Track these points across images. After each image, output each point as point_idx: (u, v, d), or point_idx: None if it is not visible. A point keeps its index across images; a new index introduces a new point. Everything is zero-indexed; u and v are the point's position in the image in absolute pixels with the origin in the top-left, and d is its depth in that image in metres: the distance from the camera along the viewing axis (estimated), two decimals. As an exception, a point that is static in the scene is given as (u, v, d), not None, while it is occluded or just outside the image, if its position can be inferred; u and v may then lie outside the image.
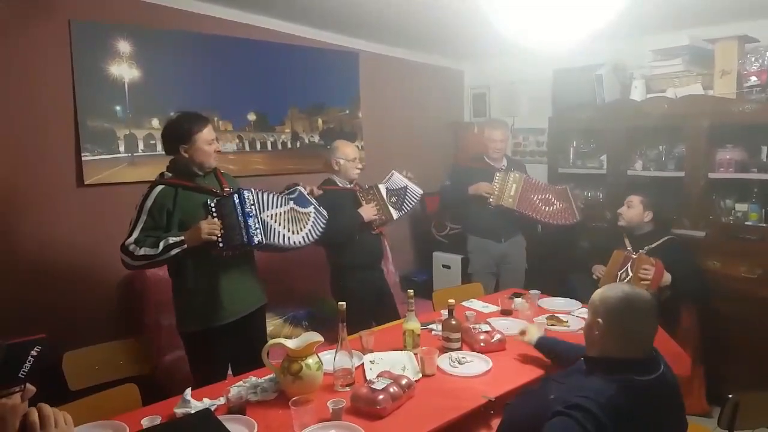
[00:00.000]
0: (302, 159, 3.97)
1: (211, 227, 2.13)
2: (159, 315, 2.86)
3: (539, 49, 3.87)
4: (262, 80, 3.71)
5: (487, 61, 4.80)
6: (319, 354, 1.89)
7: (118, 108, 3.10)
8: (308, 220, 2.49)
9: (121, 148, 3.11)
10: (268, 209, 2.30)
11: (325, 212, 2.60)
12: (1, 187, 2.75)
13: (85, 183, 2.98)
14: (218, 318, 2.25)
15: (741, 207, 3.20)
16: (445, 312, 2.27)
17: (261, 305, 2.44)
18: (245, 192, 2.23)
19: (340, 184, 3.02)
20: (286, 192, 2.55)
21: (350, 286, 2.98)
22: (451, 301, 2.21)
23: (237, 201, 2.20)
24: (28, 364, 1.12)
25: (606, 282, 2.99)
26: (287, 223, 2.36)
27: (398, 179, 3.12)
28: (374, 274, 3.09)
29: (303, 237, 2.40)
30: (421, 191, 3.13)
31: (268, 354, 1.82)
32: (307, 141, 4.01)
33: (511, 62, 4.50)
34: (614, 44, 3.73)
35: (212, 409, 1.70)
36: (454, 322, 2.17)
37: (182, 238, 2.13)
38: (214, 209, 2.18)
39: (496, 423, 1.72)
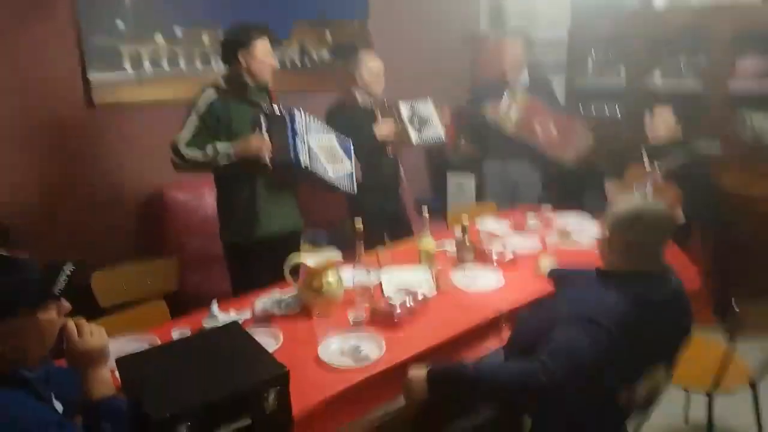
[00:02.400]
0: (313, 77, 3.85)
1: (260, 143, 2.15)
2: (181, 237, 2.94)
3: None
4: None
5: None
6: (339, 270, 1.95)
7: (119, 23, 2.98)
8: (342, 168, 2.44)
9: (127, 66, 3.04)
10: (312, 133, 2.29)
11: (355, 183, 2.51)
12: (15, 111, 2.73)
13: (95, 103, 2.94)
14: (254, 233, 2.30)
15: (760, 120, 3.10)
16: (458, 231, 2.31)
17: (297, 230, 2.47)
18: (296, 112, 2.23)
19: (360, 99, 2.92)
20: (340, 135, 2.50)
21: (366, 208, 2.90)
22: (465, 220, 2.24)
23: (288, 119, 2.20)
24: (62, 282, 1.19)
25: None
26: (327, 155, 2.34)
27: (427, 108, 2.97)
28: (389, 196, 3.07)
29: (336, 177, 2.37)
30: (442, 136, 2.98)
31: (291, 271, 1.88)
32: (315, 58, 3.87)
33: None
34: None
35: (240, 320, 1.78)
36: (467, 241, 2.22)
37: (231, 147, 2.17)
38: (264, 125, 2.18)
39: (507, 335, 1.80)
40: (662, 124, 3.01)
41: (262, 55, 2.25)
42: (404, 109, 2.92)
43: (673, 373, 1.62)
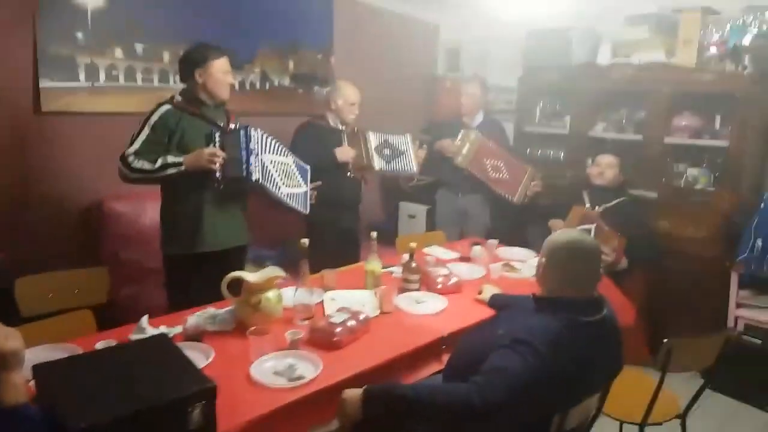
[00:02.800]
0: (271, 100, 3.88)
1: (213, 155, 2.13)
2: (117, 248, 2.84)
3: (514, 7, 3.90)
4: (231, 14, 3.57)
5: (462, 16, 4.74)
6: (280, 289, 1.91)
7: (79, 35, 2.94)
8: (297, 188, 2.48)
9: (81, 77, 2.98)
10: (269, 153, 2.30)
11: (309, 205, 2.55)
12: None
13: (43, 111, 2.86)
14: (197, 245, 2.28)
15: (692, 172, 3.34)
16: (405, 255, 2.32)
17: (242, 245, 2.46)
18: (252, 130, 2.23)
19: (331, 122, 3.06)
20: (298, 160, 2.55)
21: (318, 224, 3.04)
22: (413, 244, 2.27)
23: (243, 135, 2.20)
24: None
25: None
26: (282, 174, 2.36)
27: (405, 142, 3.13)
28: (344, 216, 3.13)
29: (288, 194, 2.38)
30: (415, 170, 3.15)
31: (228, 286, 1.83)
32: (276, 83, 3.91)
33: (485, 19, 4.46)
34: (586, 8, 3.74)
35: (170, 335, 1.71)
36: (413, 265, 2.23)
37: (181, 159, 2.15)
38: (218, 140, 2.18)
39: (446, 358, 1.80)
40: (604, 169, 3.19)
41: (219, 73, 2.28)
42: (373, 139, 3.09)
43: (605, 403, 1.65)
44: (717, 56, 3.15)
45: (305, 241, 1.99)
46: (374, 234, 2.24)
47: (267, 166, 2.27)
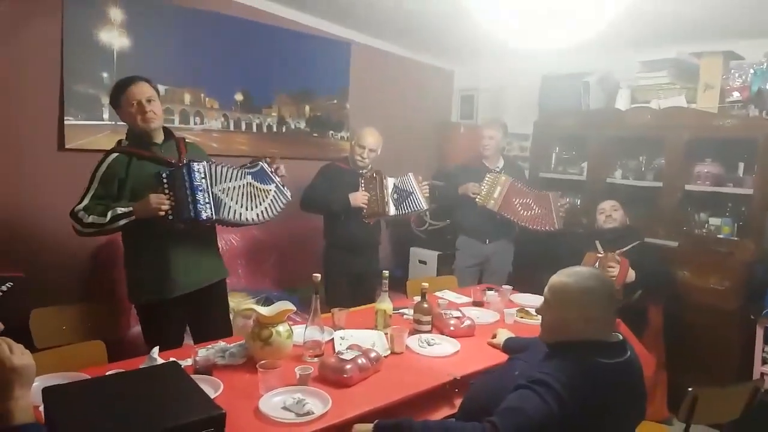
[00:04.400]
0: (287, 144, 3.97)
1: (159, 200, 2.04)
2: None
3: (529, 54, 3.97)
4: (252, 61, 3.70)
5: (477, 63, 4.85)
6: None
7: (104, 75, 3.07)
8: (266, 196, 2.34)
9: (105, 116, 3.08)
10: (220, 183, 2.18)
11: (288, 193, 2.44)
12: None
13: (66, 147, 2.95)
14: (168, 291, 2.18)
15: (714, 221, 3.28)
16: (417, 297, 2.29)
17: (219, 279, 2.38)
18: (195, 164, 2.12)
19: (351, 165, 3.12)
20: (248, 165, 2.41)
21: (332, 265, 3.13)
22: (425, 284, 2.25)
23: (186, 173, 2.09)
24: None
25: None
26: (241, 198, 2.24)
27: (409, 183, 3.15)
28: (358, 260, 3.14)
29: (258, 213, 2.28)
30: (425, 207, 3.15)
31: (236, 319, 1.82)
32: (293, 126, 4.01)
33: (500, 66, 4.56)
34: (603, 54, 3.80)
35: (179, 368, 1.69)
36: (425, 305, 2.20)
37: (131, 208, 2.07)
38: (165, 181, 2.08)
39: (459, 402, 1.75)
40: (610, 212, 3.19)
41: (129, 105, 2.14)
42: (390, 184, 3.10)
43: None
44: (740, 101, 3.13)
45: (317, 276, 1.98)
46: (386, 273, 2.22)
47: (220, 198, 2.16)
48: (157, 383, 1.27)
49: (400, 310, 2.46)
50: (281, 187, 2.42)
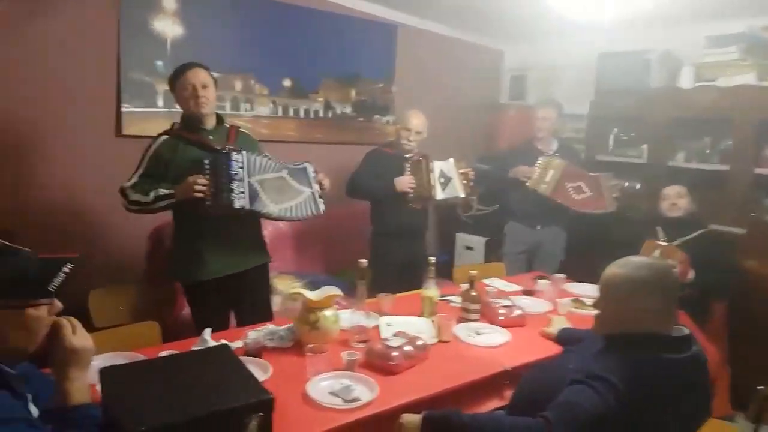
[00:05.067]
0: (333, 129, 3.97)
1: (197, 187, 2.07)
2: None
3: (584, 30, 3.79)
4: (299, 46, 3.70)
5: (528, 42, 4.68)
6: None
7: (159, 63, 3.14)
8: (296, 196, 2.33)
9: (160, 103, 3.16)
10: (257, 174, 2.20)
11: (322, 207, 2.39)
12: (47, 133, 2.84)
13: (123, 133, 3.04)
14: (200, 273, 2.22)
15: (787, 206, 3.07)
16: (465, 284, 2.25)
17: (257, 264, 2.38)
18: (234, 154, 2.15)
19: (396, 150, 3.05)
20: (293, 163, 2.41)
21: (380, 252, 3.09)
22: (473, 272, 2.19)
23: (226, 162, 2.12)
24: (58, 279, 1.16)
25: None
26: (273, 192, 2.25)
27: (450, 168, 3.06)
28: (405, 246, 3.09)
29: (281, 209, 2.25)
30: (461, 195, 3.06)
31: (284, 302, 1.83)
32: (339, 111, 3.99)
33: (553, 45, 4.38)
34: (665, 30, 3.59)
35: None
36: (474, 294, 2.15)
37: (172, 191, 2.13)
38: (207, 166, 2.12)
39: (509, 394, 1.70)
40: (675, 200, 2.99)
41: (182, 90, 2.21)
42: (437, 168, 3.03)
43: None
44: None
45: (363, 261, 1.97)
46: (432, 259, 2.18)
47: (255, 188, 2.18)
48: (208, 366, 1.30)
49: (447, 298, 2.41)
50: (317, 197, 2.38)
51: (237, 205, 2.10)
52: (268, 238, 3.44)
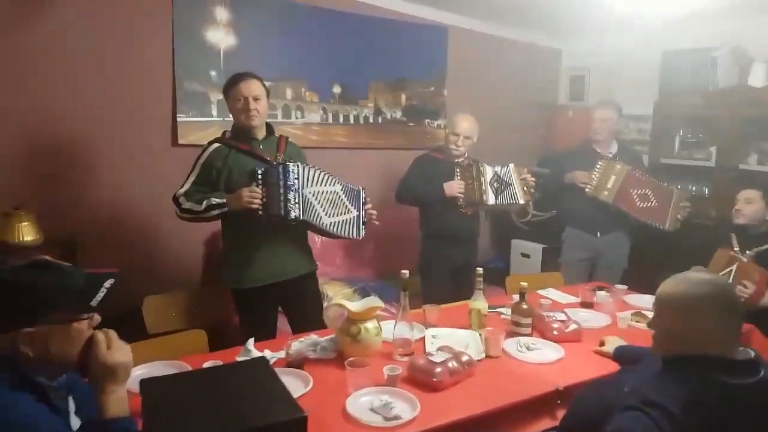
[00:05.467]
0: (383, 134, 3.95)
1: (251, 196, 2.10)
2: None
3: (646, 27, 3.59)
4: (348, 52, 3.71)
5: (587, 40, 4.49)
6: (380, 322, 1.86)
7: (213, 73, 3.22)
8: (347, 213, 2.37)
9: (214, 112, 3.24)
10: (311, 185, 2.24)
11: (363, 233, 2.43)
12: (106, 144, 2.96)
13: (179, 143, 3.13)
14: (248, 280, 2.25)
15: None
16: (516, 296, 2.15)
17: (305, 272, 2.39)
18: (291, 165, 2.19)
19: (446, 155, 3.00)
20: (347, 183, 2.45)
21: (430, 258, 3.05)
22: (524, 283, 2.09)
23: (281, 172, 2.15)
24: (100, 295, 1.18)
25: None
26: (326, 203, 2.29)
27: (508, 173, 2.97)
28: (456, 252, 3.02)
29: (332, 223, 2.29)
30: (521, 201, 2.96)
31: (329, 310, 1.81)
32: (389, 116, 3.97)
33: (614, 43, 4.18)
34: (732, 24, 3.34)
35: (272, 360, 1.72)
36: (525, 306, 2.05)
37: (224, 200, 2.15)
38: (260, 177, 2.14)
39: (561, 415, 1.60)
40: (741, 205, 2.76)
41: (233, 101, 2.24)
42: (489, 172, 2.95)
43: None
44: None
45: (405, 272, 1.92)
46: (480, 270, 2.10)
47: (309, 200, 2.21)
48: (244, 380, 1.28)
49: (498, 309, 2.32)
50: (361, 221, 2.41)
51: (292, 215, 2.14)
52: (319, 243, 3.49)
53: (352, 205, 2.39)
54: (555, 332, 2.03)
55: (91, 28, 2.85)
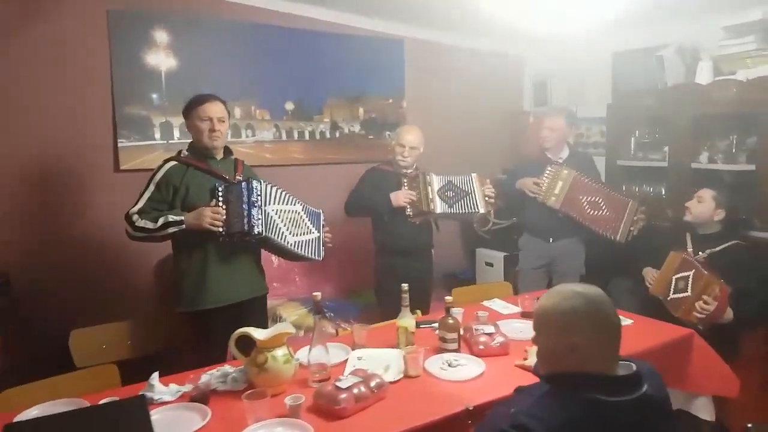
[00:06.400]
0: (341, 149, 3.92)
1: (214, 215, 2.10)
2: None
3: (600, 29, 3.56)
4: (300, 69, 3.68)
5: (548, 46, 4.46)
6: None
7: (154, 96, 3.19)
8: (308, 233, 2.41)
9: (157, 135, 3.21)
10: (274, 204, 2.25)
11: (322, 255, 2.47)
12: (46, 171, 2.93)
13: (121, 168, 3.10)
14: (203, 302, 2.22)
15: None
16: (456, 310, 2.11)
17: (257, 295, 2.38)
18: (254, 182, 2.20)
19: (393, 167, 2.99)
20: (309, 206, 2.49)
21: (382, 272, 3.03)
22: (449, 297, 2.05)
23: (245, 188, 2.16)
24: None
25: (658, 289, 2.66)
26: (289, 223, 2.30)
27: (469, 183, 2.94)
28: (410, 264, 2.98)
29: (296, 242, 2.32)
30: (481, 210, 2.93)
31: (236, 343, 1.75)
32: (347, 131, 3.94)
33: (574, 47, 4.15)
34: (680, 23, 3.32)
35: (178, 394, 1.67)
36: (450, 321, 2.00)
37: (182, 218, 2.13)
38: (221, 194, 2.15)
39: (474, 436, 1.55)
40: (703, 205, 2.72)
41: (197, 120, 2.24)
42: (437, 181, 2.93)
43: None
44: None
45: (317, 294, 1.88)
46: (405, 286, 2.06)
47: (272, 217, 2.21)
48: (111, 422, 1.24)
49: (433, 324, 2.27)
50: (321, 243, 2.47)
51: (256, 230, 2.12)
52: (277, 262, 3.45)
53: (313, 226, 2.44)
54: (481, 346, 1.98)
55: (25, 55, 2.83)
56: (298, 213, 2.37)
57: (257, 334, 1.70)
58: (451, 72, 4.30)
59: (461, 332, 2.07)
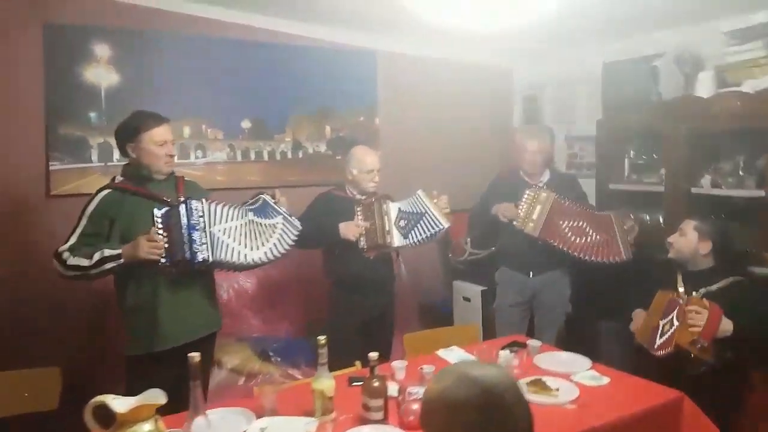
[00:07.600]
0: (305, 170, 3.60)
1: (151, 245, 1.90)
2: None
3: (591, 38, 3.21)
4: (259, 85, 3.39)
5: (538, 58, 4.11)
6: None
7: (92, 115, 2.93)
8: (273, 232, 2.19)
9: (94, 157, 2.94)
10: (220, 222, 2.05)
11: (297, 223, 2.27)
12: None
13: (51, 193, 2.83)
14: (157, 342, 2.01)
15: None
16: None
17: (213, 332, 2.20)
18: (193, 203, 2.01)
19: (348, 193, 2.71)
20: (249, 202, 2.26)
21: (335, 308, 2.73)
22: (373, 354, 1.68)
23: (183, 212, 1.97)
24: None
25: (642, 336, 2.28)
26: (244, 238, 2.10)
27: (420, 202, 2.61)
28: (367, 301, 2.68)
29: (266, 252, 2.13)
30: (444, 225, 2.57)
31: (93, 414, 1.41)
32: (311, 150, 3.63)
33: (565, 57, 3.81)
34: (678, 30, 2.95)
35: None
36: (375, 384, 1.64)
37: (119, 251, 1.93)
38: (159, 220, 1.95)
39: None
40: (684, 239, 2.37)
41: (151, 144, 2.05)
42: (394, 211, 2.63)
43: None
44: None
45: (194, 355, 1.53)
46: (322, 339, 1.70)
47: (219, 238, 2.02)
48: None
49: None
50: (289, 218, 2.26)
51: (200, 258, 1.96)
52: (226, 297, 3.13)
53: (272, 219, 2.22)
54: (411, 417, 1.60)
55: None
56: (252, 222, 2.15)
57: (118, 404, 1.36)
58: (431, 86, 3.97)
59: (395, 395, 1.70)
